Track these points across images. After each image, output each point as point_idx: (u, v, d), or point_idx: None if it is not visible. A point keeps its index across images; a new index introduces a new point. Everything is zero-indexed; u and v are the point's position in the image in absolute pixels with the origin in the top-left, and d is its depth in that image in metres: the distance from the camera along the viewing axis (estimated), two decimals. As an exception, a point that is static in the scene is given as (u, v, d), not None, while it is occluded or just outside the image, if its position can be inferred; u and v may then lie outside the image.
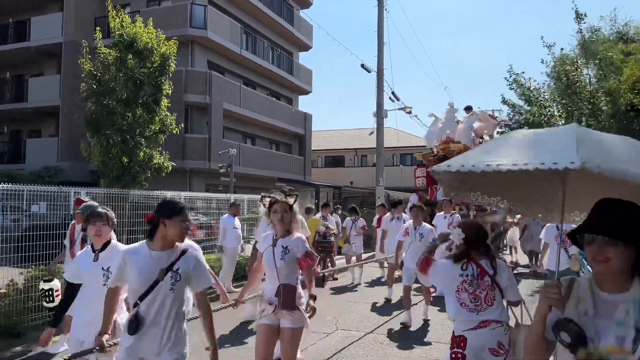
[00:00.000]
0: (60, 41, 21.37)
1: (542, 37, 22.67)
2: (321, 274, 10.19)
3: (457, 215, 10.04)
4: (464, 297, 3.44)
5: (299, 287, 3.81)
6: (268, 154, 25.68)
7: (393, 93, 19.87)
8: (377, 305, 8.45)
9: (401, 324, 6.92)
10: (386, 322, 7.20)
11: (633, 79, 11.89)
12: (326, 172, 35.38)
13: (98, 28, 9.39)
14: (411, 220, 7.49)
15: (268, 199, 3.79)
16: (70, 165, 20.32)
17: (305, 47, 30.12)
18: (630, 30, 19.16)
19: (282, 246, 3.69)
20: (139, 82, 8.82)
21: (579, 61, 15.37)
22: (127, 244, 8.80)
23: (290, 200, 3.76)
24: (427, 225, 7.50)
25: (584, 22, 14.71)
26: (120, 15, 8.90)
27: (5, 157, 23.12)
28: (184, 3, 20.99)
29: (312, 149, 32.72)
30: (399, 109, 19.83)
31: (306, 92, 30.52)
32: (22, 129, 24.14)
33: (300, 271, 3.79)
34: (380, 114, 18.86)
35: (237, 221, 9.29)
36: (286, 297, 3.60)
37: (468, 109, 13.56)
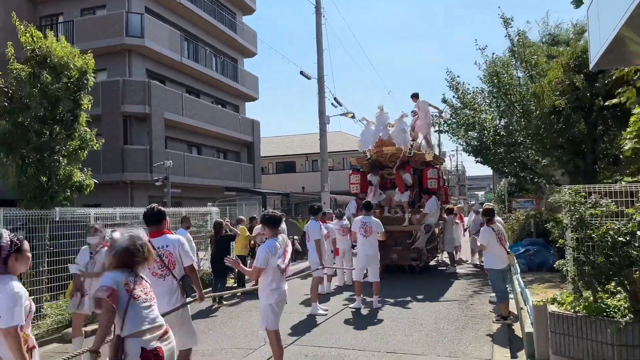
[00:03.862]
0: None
1: (476, 40, 23.23)
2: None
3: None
4: None
5: None
6: (215, 163, 25.35)
7: (335, 99, 20.01)
8: (312, 317, 8.35)
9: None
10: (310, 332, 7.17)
11: (555, 81, 12.32)
12: (278, 179, 35.29)
13: (10, 43, 8.97)
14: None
15: None
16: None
17: (250, 54, 29.94)
18: (561, 32, 19.98)
19: None
20: (55, 98, 8.49)
21: (509, 64, 15.87)
22: (50, 266, 8.38)
23: None
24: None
25: (511, 27, 15.17)
26: (29, 30, 8.54)
27: None
28: (119, 12, 20.49)
29: (263, 155, 32.53)
30: (341, 115, 19.95)
31: (253, 99, 30.32)
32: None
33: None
34: (322, 120, 18.98)
35: (187, 235, 8.97)
36: None
37: (415, 96, 13.70)
